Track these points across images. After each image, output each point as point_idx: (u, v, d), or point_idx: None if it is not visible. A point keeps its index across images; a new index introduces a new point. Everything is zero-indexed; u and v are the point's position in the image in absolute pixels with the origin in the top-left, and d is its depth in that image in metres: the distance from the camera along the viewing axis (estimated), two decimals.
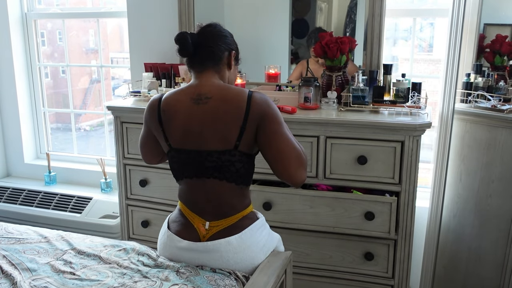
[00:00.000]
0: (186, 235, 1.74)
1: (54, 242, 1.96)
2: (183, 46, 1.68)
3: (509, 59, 2.57)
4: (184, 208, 1.79)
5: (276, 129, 1.65)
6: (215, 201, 1.73)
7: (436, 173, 2.54)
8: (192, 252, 1.73)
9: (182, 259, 1.75)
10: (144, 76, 2.84)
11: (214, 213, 1.73)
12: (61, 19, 3.59)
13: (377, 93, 2.40)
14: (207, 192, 1.72)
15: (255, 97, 1.65)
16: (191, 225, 1.75)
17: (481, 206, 2.47)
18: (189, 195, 1.77)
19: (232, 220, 1.73)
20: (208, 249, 1.70)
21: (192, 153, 1.68)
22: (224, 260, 1.71)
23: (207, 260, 1.72)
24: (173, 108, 1.69)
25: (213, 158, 1.66)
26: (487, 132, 2.40)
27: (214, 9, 3.03)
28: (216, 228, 1.72)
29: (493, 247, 2.45)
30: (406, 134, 2.15)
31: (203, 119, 1.65)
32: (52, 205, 3.36)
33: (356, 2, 2.69)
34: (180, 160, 1.72)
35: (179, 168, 1.75)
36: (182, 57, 1.76)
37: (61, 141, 4.02)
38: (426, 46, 3.30)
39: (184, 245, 1.73)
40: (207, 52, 1.70)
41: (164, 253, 1.82)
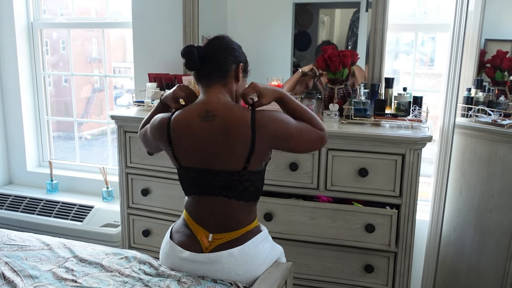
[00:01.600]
0: (189, 246, 1.74)
1: (56, 250, 1.97)
2: (190, 60, 1.67)
3: (510, 75, 2.60)
4: (189, 219, 1.79)
5: (290, 137, 1.66)
6: (221, 216, 1.73)
7: (437, 187, 2.56)
8: (194, 263, 1.73)
9: (184, 269, 1.75)
10: (148, 86, 2.86)
11: (218, 226, 1.73)
12: (67, 28, 3.63)
13: (378, 106, 2.42)
14: (214, 208, 1.72)
15: (259, 119, 1.61)
16: (195, 236, 1.75)
17: (481, 220, 2.48)
18: (195, 208, 1.78)
19: (236, 234, 1.73)
20: (210, 261, 1.70)
21: (201, 172, 1.68)
22: (225, 272, 1.71)
23: (209, 271, 1.72)
24: (182, 127, 1.66)
25: (221, 177, 1.66)
26: (488, 147, 2.42)
27: (218, 21, 3.06)
28: (219, 240, 1.72)
29: (493, 261, 2.45)
30: (407, 147, 2.17)
31: (211, 138, 1.63)
32: (54, 213, 3.37)
33: (358, 16, 2.72)
34: (189, 178, 1.73)
35: (187, 185, 1.76)
36: (189, 71, 1.76)
37: (62, 149, 4.04)
38: (428, 60, 3.33)
39: (186, 256, 1.74)
40: (214, 65, 1.68)
41: (166, 263, 1.82)
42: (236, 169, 1.65)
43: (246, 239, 1.72)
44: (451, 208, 2.61)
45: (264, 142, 1.63)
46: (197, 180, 1.70)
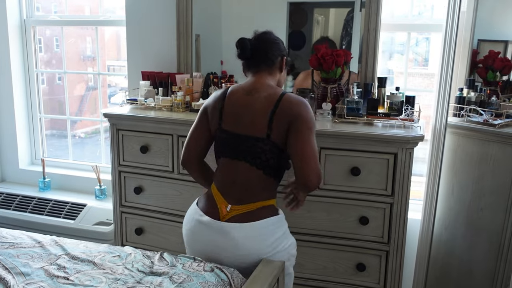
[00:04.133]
0: (209, 212, 1.89)
1: (48, 247, 1.97)
2: (243, 50, 1.93)
3: (502, 75, 2.61)
4: (214, 188, 1.94)
5: (305, 132, 1.82)
6: (241, 185, 1.88)
7: (429, 186, 2.57)
8: (208, 229, 1.87)
9: (199, 233, 1.90)
10: (141, 84, 2.86)
11: (237, 197, 1.87)
12: (60, 26, 3.62)
13: (371, 106, 2.43)
14: (237, 173, 1.89)
15: (287, 96, 1.86)
16: (215, 204, 1.89)
17: (472, 219, 2.50)
18: (220, 176, 1.94)
19: (252, 207, 1.87)
20: (222, 230, 1.85)
21: (232, 135, 1.90)
22: (233, 243, 1.84)
23: (220, 241, 1.85)
24: (232, 96, 1.92)
25: (248, 143, 1.86)
26: (479, 146, 2.43)
27: (212, 20, 3.06)
28: (236, 211, 1.86)
29: (484, 260, 2.47)
30: (399, 146, 2.18)
31: (247, 108, 1.88)
32: (46, 211, 3.36)
33: (352, 16, 2.73)
34: (221, 139, 1.93)
35: (219, 147, 1.95)
36: (240, 59, 1.99)
37: (56, 147, 4.03)
38: (422, 61, 3.34)
39: (205, 220, 1.88)
40: (263, 56, 1.94)
41: (186, 225, 1.99)
42: (261, 136, 1.84)
43: (261, 216, 1.86)
44: (443, 207, 2.63)
45: (285, 118, 1.82)
46: (227, 142, 1.91)
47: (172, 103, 2.66)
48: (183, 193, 2.58)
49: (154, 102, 2.73)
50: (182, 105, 2.65)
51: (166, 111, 2.65)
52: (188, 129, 2.45)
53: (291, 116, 1.82)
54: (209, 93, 2.76)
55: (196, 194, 2.52)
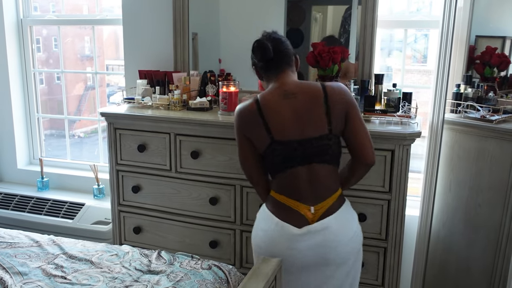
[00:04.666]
0: (297, 222, 1.81)
1: (45, 247, 1.97)
2: (265, 52, 1.88)
3: (499, 71, 2.61)
4: (284, 198, 1.85)
5: (358, 116, 1.86)
6: (315, 185, 1.84)
7: (426, 182, 2.57)
8: (307, 235, 1.80)
9: (299, 247, 1.81)
10: (138, 83, 2.86)
11: (314, 197, 1.83)
12: (57, 25, 3.61)
13: (368, 103, 2.43)
14: (309, 177, 1.83)
15: (329, 87, 1.84)
16: (298, 212, 1.82)
17: (470, 215, 2.50)
18: (289, 185, 1.86)
19: (331, 201, 1.85)
20: (323, 227, 1.80)
21: (293, 143, 1.82)
22: (335, 234, 1.82)
23: (322, 239, 1.81)
24: (271, 104, 1.85)
25: (314, 144, 1.81)
26: (477, 142, 2.43)
27: (210, 18, 3.06)
28: (320, 210, 1.82)
29: (482, 256, 2.47)
30: (396, 143, 2.18)
31: (296, 112, 1.82)
32: (44, 210, 3.36)
33: (350, 13, 2.72)
34: (283, 151, 1.83)
35: (282, 159, 1.84)
36: (260, 63, 1.92)
37: (54, 147, 4.03)
38: (420, 57, 3.34)
39: (301, 231, 1.80)
40: (283, 55, 1.92)
41: (274, 248, 1.85)
42: (324, 133, 1.82)
43: (340, 204, 1.88)
44: (441, 203, 2.63)
45: (339, 106, 1.83)
46: (291, 152, 1.82)
47: (169, 101, 2.66)
48: (181, 192, 2.58)
49: (151, 101, 2.73)
50: (179, 104, 2.65)
51: (163, 110, 2.65)
52: (185, 127, 2.47)
53: (345, 105, 1.83)
54: (206, 91, 2.76)
55: (194, 193, 2.54)
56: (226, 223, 2.53)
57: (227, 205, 2.51)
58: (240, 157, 1.96)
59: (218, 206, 2.52)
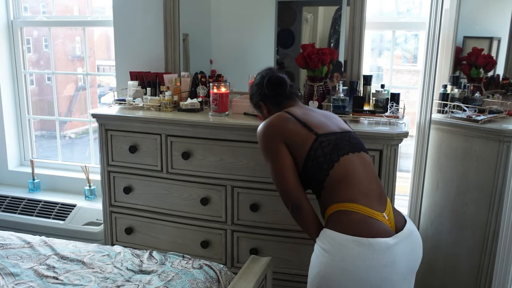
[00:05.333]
0: (382, 231, 1.58)
1: (37, 248, 1.98)
2: (287, 86, 1.96)
3: (485, 71, 2.65)
4: (357, 207, 1.62)
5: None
6: (370, 175, 1.72)
7: (414, 181, 2.61)
8: (402, 243, 1.59)
9: (396, 259, 1.56)
10: (129, 85, 2.87)
11: (378, 198, 1.67)
12: (47, 27, 3.62)
13: (357, 103, 2.46)
14: (364, 166, 1.73)
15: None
16: (376, 220, 1.61)
17: (457, 214, 2.54)
18: (347, 176, 1.68)
19: (390, 204, 1.71)
20: (410, 231, 1.64)
21: (337, 134, 1.78)
22: (417, 240, 1.68)
23: (411, 246, 1.63)
24: (298, 112, 1.85)
25: (353, 134, 1.83)
26: (463, 142, 2.47)
27: (200, 19, 3.07)
28: (390, 214, 1.67)
29: (469, 254, 2.51)
30: (384, 143, 2.21)
31: (324, 115, 1.89)
32: (36, 212, 3.36)
33: (340, 14, 2.75)
34: (331, 141, 1.74)
35: (332, 149, 1.72)
36: (278, 96, 1.97)
37: (45, 148, 4.02)
38: (411, 57, 3.38)
39: (394, 241, 1.57)
40: (293, 89, 2.01)
41: (366, 274, 1.54)
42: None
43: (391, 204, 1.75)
44: (428, 202, 2.67)
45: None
46: (339, 142, 1.75)
47: (160, 102, 2.68)
48: (172, 192, 2.60)
49: (143, 102, 2.74)
50: (170, 105, 2.67)
51: (154, 111, 2.66)
52: (177, 128, 2.49)
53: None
54: (197, 92, 2.77)
55: (185, 193, 2.56)
56: (217, 223, 2.55)
57: (218, 205, 2.53)
58: (279, 169, 1.77)
59: (209, 206, 2.54)
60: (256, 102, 2.05)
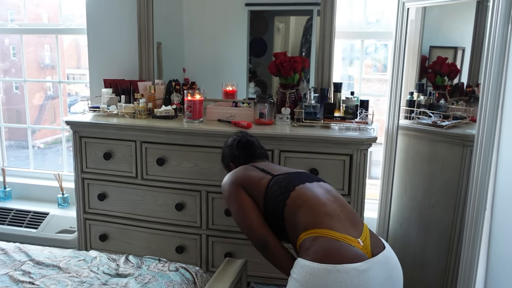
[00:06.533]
0: (352, 256, 1.49)
1: (11, 254, 1.98)
2: (254, 148, 2.12)
3: (449, 79, 2.76)
4: (323, 232, 1.57)
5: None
6: (340, 200, 1.71)
7: (383, 185, 2.70)
8: (375, 269, 1.50)
9: (371, 283, 1.48)
10: (103, 92, 2.88)
11: (350, 223, 1.62)
12: (19, 34, 3.59)
13: (328, 110, 2.54)
14: (328, 191, 1.74)
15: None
16: (343, 243, 1.53)
17: (424, 216, 2.63)
18: (308, 200, 1.68)
19: (366, 227, 1.66)
20: (385, 259, 1.56)
21: (298, 173, 1.88)
22: (396, 269, 1.61)
23: (392, 269, 1.57)
24: (256, 163, 2.03)
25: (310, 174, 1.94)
26: (429, 146, 2.58)
27: (173, 28, 3.11)
28: (367, 240, 1.59)
29: (436, 255, 2.60)
30: (354, 148, 2.29)
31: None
32: (7, 220, 3.32)
33: (312, 23, 2.83)
34: (287, 177, 1.81)
35: (288, 182, 1.76)
36: (246, 156, 2.09)
37: (14, 158, 3.97)
38: (381, 67, 3.48)
39: (366, 266, 1.48)
40: (263, 150, 2.18)
41: None
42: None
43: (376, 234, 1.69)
44: (397, 205, 2.76)
45: None
46: (296, 176, 1.82)
47: (134, 110, 2.70)
48: (147, 198, 2.62)
49: (117, 109, 2.76)
50: (144, 112, 2.70)
51: (129, 118, 2.69)
52: (151, 135, 2.52)
53: None
54: (171, 99, 2.81)
55: (160, 199, 2.58)
56: (192, 228, 2.58)
57: (192, 210, 2.56)
58: (239, 210, 1.82)
59: (184, 212, 2.57)
60: (227, 163, 2.16)
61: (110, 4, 3.10)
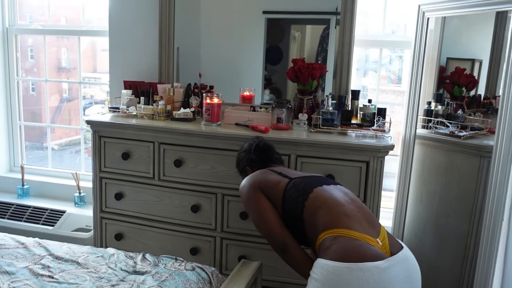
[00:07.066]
0: (372, 255, 1.50)
1: (31, 248, 2.02)
2: (272, 152, 2.16)
3: (467, 90, 2.76)
4: (343, 231, 1.58)
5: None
6: (358, 202, 1.73)
7: (399, 194, 2.70)
8: (396, 268, 1.51)
9: (391, 281, 1.48)
10: (123, 93, 2.92)
11: (368, 223, 1.63)
12: (42, 35, 3.66)
13: (345, 117, 2.55)
14: (345, 193, 1.77)
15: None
16: (363, 242, 1.55)
17: (440, 225, 2.63)
18: (327, 201, 1.70)
19: (384, 230, 1.66)
20: (404, 258, 1.58)
21: (315, 176, 1.91)
22: (415, 268, 1.62)
23: (411, 269, 1.59)
24: (283, 168, 2.06)
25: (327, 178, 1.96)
26: (446, 156, 2.58)
27: (191, 33, 3.14)
28: (385, 240, 1.60)
29: (451, 265, 2.59)
30: (371, 155, 2.30)
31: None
32: (25, 217, 3.37)
33: (328, 33, 2.85)
34: (304, 179, 1.84)
35: (305, 185, 1.79)
36: (263, 159, 2.13)
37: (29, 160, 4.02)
38: (395, 78, 3.49)
39: (386, 264, 1.49)
40: (279, 155, 2.21)
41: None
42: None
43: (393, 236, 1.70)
44: (412, 214, 2.75)
45: None
46: (313, 179, 1.84)
47: (153, 111, 2.74)
48: (163, 199, 2.65)
49: (136, 111, 2.80)
50: (163, 114, 2.73)
51: (147, 119, 2.72)
52: (170, 136, 2.55)
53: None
54: (190, 102, 2.84)
55: (176, 201, 2.61)
56: (207, 230, 2.60)
57: (208, 212, 2.58)
58: (258, 213, 1.84)
59: (199, 213, 2.60)
60: (243, 167, 2.17)
61: (132, 7, 3.15)
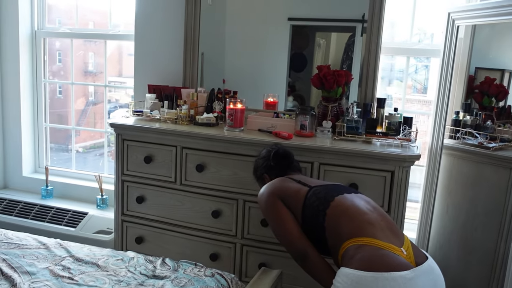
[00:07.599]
0: (398, 264, 1.48)
1: (52, 249, 2.03)
2: (291, 159, 2.12)
3: (497, 101, 2.70)
4: (368, 240, 1.55)
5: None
6: (380, 211, 1.71)
7: (424, 205, 2.64)
8: (422, 278, 1.49)
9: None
10: (147, 97, 2.94)
11: (391, 232, 1.61)
12: (70, 38, 3.72)
13: (370, 125, 2.51)
14: (367, 202, 1.75)
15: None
16: (388, 251, 1.52)
17: (466, 239, 2.56)
18: (348, 211, 1.68)
19: (408, 240, 1.65)
20: (430, 268, 1.56)
21: (336, 185, 1.89)
22: (440, 279, 1.60)
23: (437, 279, 1.57)
24: (302, 176, 2.05)
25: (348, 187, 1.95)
26: (474, 168, 2.51)
27: (216, 39, 3.15)
28: (409, 249, 1.58)
29: (477, 280, 2.52)
30: (396, 164, 2.25)
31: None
32: (48, 218, 3.41)
33: (354, 40, 2.82)
34: (325, 187, 1.82)
35: (326, 193, 1.77)
36: (281, 166, 2.11)
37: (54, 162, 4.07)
38: (421, 88, 3.44)
39: (413, 274, 1.47)
40: (297, 163, 2.18)
41: None
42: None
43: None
44: (437, 226, 2.69)
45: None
46: (334, 187, 1.83)
47: (177, 115, 2.74)
48: (184, 204, 2.64)
49: (160, 114, 2.80)
50: (186, 118, 2.73)
51: (170, 124, 2.72)
52: (192, 141, 2.54)
53: None
54: (213, 107, 2.84)
55: (197, 205, 2.60)
56: (227, 236, 2.58)
57: (229, 218, 2.56)
58: (278, 222, 1.82)
59: (220, 219, 2.58)
60: (260, 174, 2.15)
61: (158, 12, 3.18)
